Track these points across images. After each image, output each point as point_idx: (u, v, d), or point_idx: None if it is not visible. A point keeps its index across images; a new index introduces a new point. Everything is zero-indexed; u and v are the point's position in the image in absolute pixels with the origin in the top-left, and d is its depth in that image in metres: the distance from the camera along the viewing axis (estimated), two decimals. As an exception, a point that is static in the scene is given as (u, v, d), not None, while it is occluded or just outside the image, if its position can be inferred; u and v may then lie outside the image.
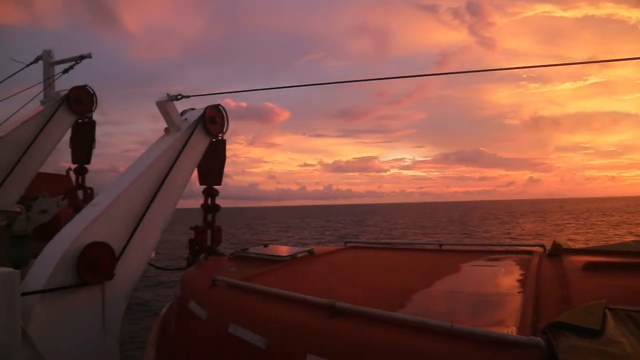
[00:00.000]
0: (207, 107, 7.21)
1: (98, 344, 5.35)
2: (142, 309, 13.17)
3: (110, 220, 5.62)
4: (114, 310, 5.56)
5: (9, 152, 7.32)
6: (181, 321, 4.83)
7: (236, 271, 5.27)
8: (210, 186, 7.64)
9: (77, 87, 8.19)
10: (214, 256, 6.92)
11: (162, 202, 6.33)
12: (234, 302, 4.09)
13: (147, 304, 14.08)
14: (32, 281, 4.89)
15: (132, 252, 5.81)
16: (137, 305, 13.09)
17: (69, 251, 5.08)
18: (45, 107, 7.90)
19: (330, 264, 5.67)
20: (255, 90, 7.18)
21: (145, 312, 12.57)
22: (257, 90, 7.21)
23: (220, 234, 7.72)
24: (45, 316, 4.82)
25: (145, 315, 12.11)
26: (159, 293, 16.15)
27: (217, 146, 7.52)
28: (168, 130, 6.95)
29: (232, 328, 3.65)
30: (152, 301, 14.58)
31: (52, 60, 8.32)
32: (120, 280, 5.59)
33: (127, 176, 6.16)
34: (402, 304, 3.47)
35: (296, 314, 3.38)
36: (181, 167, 6.67)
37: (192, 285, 5.18)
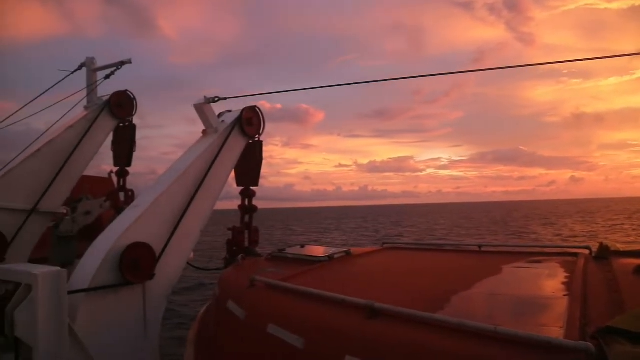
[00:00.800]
0: (244, 108, 7.29)
1: (139, 342, 5.48)
2: (182, 309, 13.44)
3: (151, 221, 5.74)
4: (155, 309, 5.68)
5: (55, 156, 7.59)
6: (220, 321, 4.89)
7: (274, 272, 5.29)
8: (248, 187, 7.71)
9: (118, 92, 8.42)
10: (252, 257, 6.97)
11: (201, 203, 6.42)
12: (272, 302, 4.10)
13: (186, 304, 14.35)
14: (78, 280, 5.06)
15: (172, 252, 5.91)
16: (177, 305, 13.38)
17: (112, 251, 5.22)
18: (89, 112, 8.15)
19: (368, 265, 5.62)
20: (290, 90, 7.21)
21: (185, 312, 12.82)
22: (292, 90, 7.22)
23: (257, 234, 7.77)
24: (90, 314, 4.97)
25: (185, 315, 12.35)
26: (198, 293, 16.43)
27: (254, 147, 7.58)
28: (206, 133, 7.06)
29: (270, 328, 3.66)
30: (192, 301, 14.85)
31: (94, 67, 8.59)
32: (160, 280, 5.71)
33: (166, 178, 6.28)
34: (441, 306, 3.40)
35: (334, 315, 3.36)
36: (219, 168, 6.75)
37: (230, 285, 5.23)
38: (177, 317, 12.15)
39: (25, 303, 4.10)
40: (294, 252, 6.21)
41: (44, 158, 7.48)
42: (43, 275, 4.02)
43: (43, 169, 7.47)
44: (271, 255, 6.37)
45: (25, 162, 7.31)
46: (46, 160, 7.51)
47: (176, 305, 13.45)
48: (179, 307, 13.60)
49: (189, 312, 12.39)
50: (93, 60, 8.59)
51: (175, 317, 12.11)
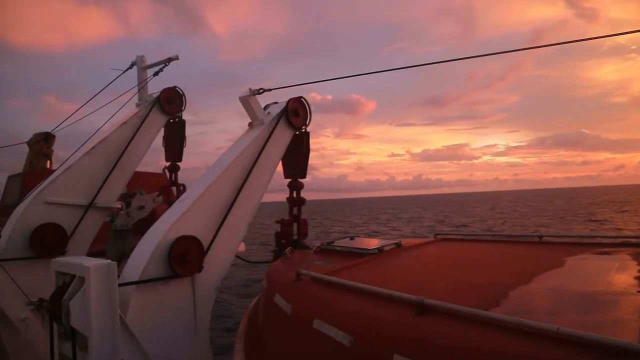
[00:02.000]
0: (290, 99, 7.21)
1: (189, 334, 5.55)
2: (231, 301, 13.63)
3: (198, 215, 5.79)
4: (204, 301, 5.73)
5: (109, 152, 7.87)
6: (267, 315, 4.84)
7: (322, 265, 5.20)
8: (295, 179, 7.65)
9: (167, 89, 8.59)
10: (300, 249, 6.92)
11: (248, 195, 6.42)
12: (319, 297, 3.99)
13: (236, 297, 14.56)
14: (129, 273, 5.17)
15: (220, 245, 5.95)
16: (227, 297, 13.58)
17: (161, 245, 5.30)
18: (140, 109, 8.37)
19: (419, 258, 5.41)
20: (336, 79, 7.03)
21: (235, 305, 13.00)
22: (338, 78, 7.04)
23: (306, 227, 7.71)
24: (140, 306, 5.07)
25: (234, 307, 12.52)
26: (249, 286, 16.66)
27: (301, 139, 7.49)
28: (252, 125, 7.05)
29: (316, 323, 3.55)
30: (242, 294, 15.06)
31: (144, 64, 8.81)
32: (208, 272, 5.76)
33: (213, 171, 6.32)
34: (497, 302, 3.15)
35: (382, 311, 3.20)
36: (265, 160, 6.73)
37: (277, 278, 5.18)
38: (228, 310, 12.33)
39: (79, 294, 4.21)
40: (342, 244, 6.09)
41: (99, 155, 7.76)
42: (94, 268, 4.11)
43: (98, 166, 7.76)
44: (320, 248, 6.28)
45: (82, 159, 7.61)
46: (101, 157, 7.78)
47: (227, 297, 13.66)
48: (230, 299, 13.81)
49: (241, 305, 12.55)
50: (143, 59, 8.82)
51: (226, 309, 12.31)
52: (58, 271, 4.58)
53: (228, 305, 13.19)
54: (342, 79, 6.99)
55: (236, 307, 12.74)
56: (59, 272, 4.58)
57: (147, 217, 8.36)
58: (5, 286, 6.35)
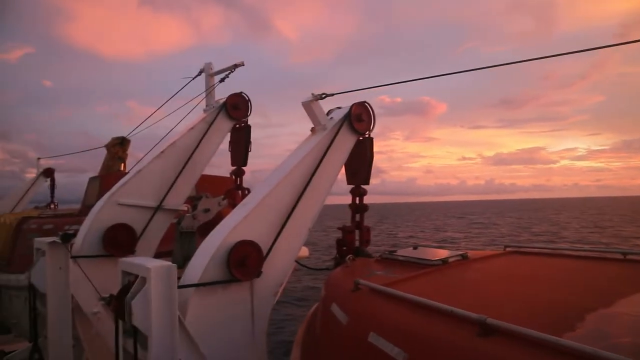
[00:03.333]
0: (353, 104, 7.09)
1: (247, 339, 5.56)
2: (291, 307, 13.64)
3: (258, 220, 5.80)
4: (262, 307, 5.72)
5: (177, 156, 8.14)
6: (324, 324, 4.74)
7: (382, 275, 5.02)
8: (358, 185, 7.51)
9: (233, 95, 8.77)
10: (362, 257, 6.76)
11: (309, 201, 6.37)
12: (376, 309, 3.83)
13: (297, 303, 14.56)
14: (189, 275, 5.26)
15: (279, 250, 5.92)
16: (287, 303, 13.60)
17: (220, 248, 5.35)
18: (207, 114, 8.61)
19: (486, 271, 5.07)
20: (403, 82, 6.82)
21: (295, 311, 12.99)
22: (405, 82, 6.82)
23: (369, 234, 7.54)
24: (199, 309, 5.13)
25: (294, 313, 12.51)
26: (310, 292, 16.64)
27: (365, 144, 7.35)
28: (314, 130, 7.00)
29: (372, 337, 3.40)
30: (302, 300, 15.05)
31: (211, 71, 9.06)
32: (267, 278, 5.74)
33: (275, 176, 6.33)
34: (572, 326, 2.84)
35: (441, 328, 2.98)
36: (328, 166, 6.65)
37: (335, 287, 5.06)
38: (288, 315, 12.35)
39: (140, 294, 4.32)
40: (404, 254, 5.86)
41: (168, 159, 8.04)
42: (155, 269, 4.21)
43: (167, 169, 8.04)
44: (381, 257, 6.09)
45: (152, 162, 7.93)
46: (170, 160, 8.07)
47: (287, 303, 13.69)
48: (290, 305, 13.84)
49: (301, 311, 12.53)
50: (210, 65, 9.09)
51: (286, 315, 12.33)
52: (123, 270, 4.75)
53: (288, 311, 13.24)
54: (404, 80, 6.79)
55: (296, 313, 12.75)
56: (124, 272, 4.74)
57: (213, 220, 8.55)
58: (80, 281, 6.71)
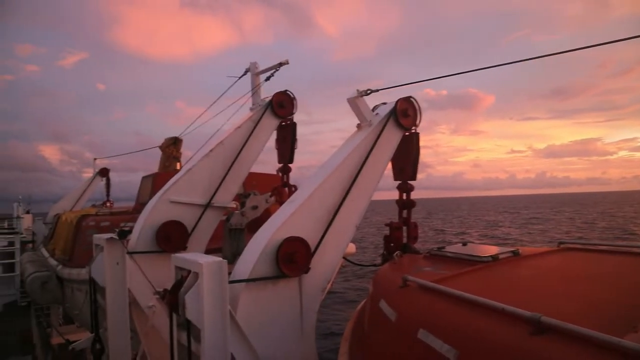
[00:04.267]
0: (398, 99, 7.02)
1: (296, 334, 5.63)
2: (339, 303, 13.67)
3: (306, 216, 5.86)
4: (310, 302, 5.78)
5: (226, 155, 8.34)
6: (372, 320, 4.73)
7: (430, 271, 4.96)
8: (405, 181, 7.43)
9: (279, 93, 8.86)
10: (410, 254, 6.70)
11: (356, 197, 6.37)
12: (425, 306, 3.79)
13: (344, 298, 14.57)
14: (239, 271, 5.38)
15: (327, 246, 5.96)
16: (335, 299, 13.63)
17: (269, 245, 5.44)
18: (253, 113, 8.75)
19: (539, 269, 4.90)
20: (447, 76, 6.68)
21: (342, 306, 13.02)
22: (449, 76, 6.70)
23: (416, 230, 7.45)
24: (249, 304, 5.24)
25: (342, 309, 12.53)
26: (357, 288, 16.61)
27: (411, 140, 7.26)
28: (360, 126, 6.98)
29: (421, 334, 3.37)
30: (350, 295, 15.04)
31: (256, 70, 9.20)
32: (315, 274, 5.79)
33: (321, 173, 6.37)
34: (634, 327, 2.71)
35: (493, 326, 2.92)
36: (374, 162, 6.62)
37: (383, 283, 5.04)
38: (336, 311, 12.39)
39: (193, 289, 4.47)
40: (454, 250, 5.75)
41: (216, 157, 8.25)
42: (206, 265, 4.33)
43: (216, 167, 8.25)
44: (429, 253, 6.01)
45: (202, 161, 8.15)
46: (218, 159, 8.27)
47: (335, 299, 13.73)
48: (338, 301, 13.87)
49: (349, 306, 12.54)
50: (256, 65, 9.23)
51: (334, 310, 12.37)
52: (176, 266, 4.91)
53: (336, 306, 13.28)
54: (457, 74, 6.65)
55: (344, 309, 12.78)
56: (177, 267, 4.90)
57: (261, 216, 8.68)
58: (136, 276, 7.00)
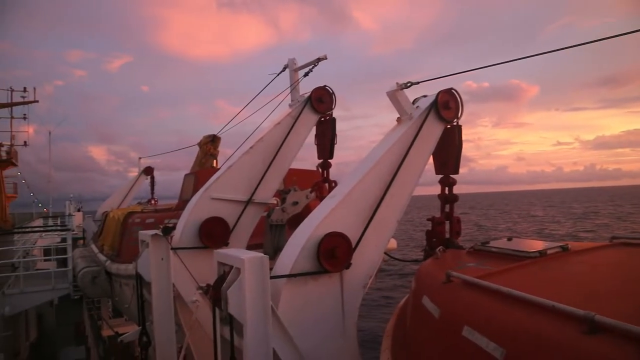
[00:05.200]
0: (440, 92, 6.87)
1: (337, 330, 5.61)
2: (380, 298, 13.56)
3: (346, 212, 5.82)
4: (352, 298, 5.75)
5: (266, 151, 8.40)
6: (415, 316, 4.65)
7: (474, 267, 4.83)
8: (447, 175, 7.28)
9: (318, 88, 8.84)
10: (453, 249, 6.56)
11: (397, 192, 6.29)
12: (470, 302, 3.68)
13: (386, 294, 14.45)
14: (281, 266, 5.40)
15: (368, 242, 5.91)
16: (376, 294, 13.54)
17: (310, 240, 5.44)
18: (292, 109, 8.77)
19: (591, 265, 4.67)
20: (489, 66, 6.48)
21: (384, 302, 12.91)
22: (491, 66, 6.49)
23: (459, 225, 7.28)
24: (290, 299, 5.26)
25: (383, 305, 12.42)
26: (399, 284, 16.44)
27: (453, 133, 7.09)
28: (400, 120, 6.88)
29: (466, 331, 3.27)
30: (391, 291, 14.91)
31: (295, 66, 9.20)
32: (357, 269, 5.75)
33: (362, 168, 6.31)
34: None
35: (543, 325, 2.79)
36: (415, 156, 6.51)
37: (426, 279, 4.94)
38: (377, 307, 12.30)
39: (235, 284, 4.52)
40: (498, 245, 5.57)
41: (256, 154, 8.32)
42: (248, 261, 4.37)
43: (256, 164, 8.32)
44: (473, 249, 5.85)
45: (242, 158, 8.24)
46: (259, 156, 8.34)
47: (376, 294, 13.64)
48: (379, 296, 13.78)
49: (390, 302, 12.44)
50: (294, 61, 9.23)
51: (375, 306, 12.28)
52: (219, 261, 4.97)
53: (378, 302, 13.19)
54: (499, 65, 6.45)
55: (385, 305, 12.68)
56: (220, 263, 4.96)
57: (301, 212, 8.71)
58: (180, 271, 7.15)
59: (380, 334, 5.64)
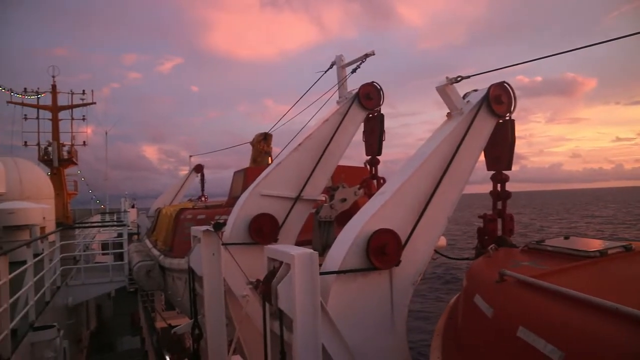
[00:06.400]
0: (491, 85, 6.69)
1: (386, 328, 5.58)
2: (430, 296, 13.36)
3: (396, 208, 5.78)
4: (401, 296, 5.70)
5: (314, 148, 8.44)
6: (467, 315, 4.56)
7: (529, 266, 4.68)
8: (499, 171, 7.08)
9: (365, 84, 8.79)
10: (505, 247, 6.38)
11: (447, 189, 6.19)
12: (525, 302, 3.57)
13: (435, 292, 14.23)
14: (330, 263, 5.42)
15: (418, 239, 5.85)
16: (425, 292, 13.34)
17: (359, 237, 5.43)
18: (340, 106, 8.76)
19: None
20: (542, 58, 6.25)
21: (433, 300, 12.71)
22: (544, 58, 6.25)
23: (512, 223, 7.08)
24: (340, 296, 5.27)
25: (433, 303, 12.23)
26: (449, 282, 16.15)
27: (505, 127, 6.89)
28: (450, 115, 6.75)
29: (521, 331, 3.18)
30: (441, 290, 14.67)
31: (342, 63, 9.20)
32: (406, 267, 5.70)
33: (411, 164, 6.24)
34: None
35: (604, 326, 2.68)
36: (465, 152, 6.38)
37: (478, 278, 4.84)
38: (426, 305, 12.13)
39: (285, 280, 4.57)
40: (555, 244, 5.37)
41: (305, 151, 8.38)
42: (298, 256, 4.41)
43: (305, 161, 8.39)
44: (527, 247, 5.66)
45: (291, 155, 8.33)
46: (307, 153, 8.40)
47: (425, 292, 13.46)
48: (428, 294, 13.59)
49: (439, 300, 12.24)
50: (341, 58, 9.23)
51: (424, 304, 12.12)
52: (269, 257, 5.05)
53: (427, 300, 13.02)
54: (553, 56, 6.21)
55: (434, 303, 12.49)
56: (270, 258, 5.04)
57: (350, 209, 8.70)
58: (230, 266, 7.31)
59: (430, 332, 5.58)
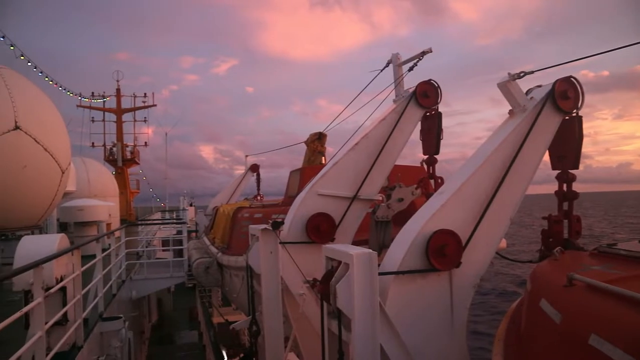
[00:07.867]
0: (557, 80, 6.40)
1: (446, 330, 5.48)
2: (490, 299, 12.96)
3: (456, 208, 5.66)
4: (461, 298, 5.58)
5: (370, 148, 8.40)
6: (531, 320, 4.40)
7: (600, 270, 4.45)
8: (565, 170, 6.77)
9: (423, 82, 8.64)
10: (572, 250, 6.11)
11: (510, 188, 5.99)
12: (597, 308, 3.40)
13: (496, 296, 13.79)
14: (388, 263, 5.39)
15: (479, 240, 5.70)
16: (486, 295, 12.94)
17: (418, 237, 5.36)
18: (397, 105, 8.66)
19: None
20: (609, 51, 5.90)
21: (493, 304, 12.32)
22: (615, 50, 5.91)
23: (579, 224, 6.76)
24: (398, 296, 5.23)
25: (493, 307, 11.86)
26: (509, 285, 15.60)
27: (572, 124, 6.57)
28: (512, 113, 6.53)
29: (593, 339, 3.03)
30: (502, 293, 14.19)
31: (399, 61, 9.09)
32: (466, 269, 5.57)
33: (471, 163, 6.10)
34: None
35: None
36: (529, 150, 6.15)
37: (544, 281, 4.65)
38: (487, 308, 11.79)
39: (344, 279, 4.59)
40: (629, 247, 5.07)
41: (361, 151, 8.36)
42: (357, 256, 4.42)
43: (361, 161, 8.36)
44: (597, 250, 5.38)
45: (347, 155, 8.34)
46: (363, 152, 8.37)
47: (486, 295, 13.07)
48: (489, 297, 13.19)
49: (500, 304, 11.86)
50: (398, 56, 9.13)
51: (485, 307, 11.77)
52: (327, 256, 5.08)
53: (488, 303, 12.65)
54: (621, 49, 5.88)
55: (495, 307, 12.12)
56: (328, 258, 5.07)
57: (407, 209, 8.60)
58: (288, 264, 7.41)
59: (490, 337, 5.43)
